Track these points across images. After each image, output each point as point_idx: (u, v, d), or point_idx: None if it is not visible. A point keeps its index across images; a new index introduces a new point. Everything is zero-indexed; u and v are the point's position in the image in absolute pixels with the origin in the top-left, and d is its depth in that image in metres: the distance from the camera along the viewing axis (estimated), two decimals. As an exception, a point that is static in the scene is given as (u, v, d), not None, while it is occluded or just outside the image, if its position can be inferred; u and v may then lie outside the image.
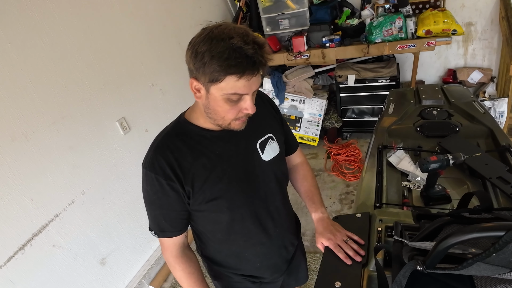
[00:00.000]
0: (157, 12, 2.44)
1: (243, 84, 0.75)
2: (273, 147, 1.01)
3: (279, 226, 1.08)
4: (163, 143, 0.89)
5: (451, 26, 2.52)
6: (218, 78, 0.74)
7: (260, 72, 0.76)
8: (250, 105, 0.80)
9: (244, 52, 0.71)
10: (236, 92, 0.76)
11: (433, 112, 1.62)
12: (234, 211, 0.96)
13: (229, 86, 0.75)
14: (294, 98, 3.43)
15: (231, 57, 0.70)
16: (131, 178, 2.18)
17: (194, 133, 0.90)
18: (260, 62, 0.74)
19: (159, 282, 2.38)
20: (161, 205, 0.90)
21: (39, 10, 1.63)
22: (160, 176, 0.85)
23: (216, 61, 0.71)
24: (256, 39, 0.74)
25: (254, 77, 0.75)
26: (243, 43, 0.71)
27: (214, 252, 1.08)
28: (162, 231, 0.94)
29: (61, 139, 1.74)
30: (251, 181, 0.96)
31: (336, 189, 2.91)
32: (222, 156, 0.91)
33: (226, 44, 0.71)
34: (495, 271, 0.57)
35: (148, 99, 2.34)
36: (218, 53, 0.71)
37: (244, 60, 0.71)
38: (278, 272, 1.16)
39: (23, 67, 1.56)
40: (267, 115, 1.04)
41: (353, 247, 0.93)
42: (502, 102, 2.78)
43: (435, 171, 1.04)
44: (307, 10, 3.04)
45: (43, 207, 1.66)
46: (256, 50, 0.72)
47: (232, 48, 0.70)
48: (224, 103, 0.79)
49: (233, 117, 0.83)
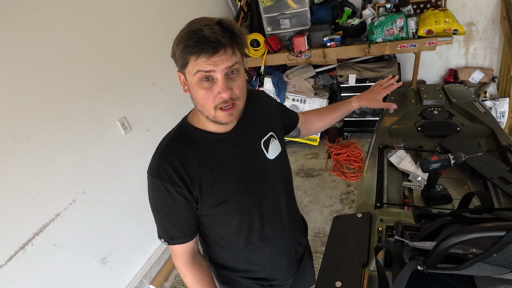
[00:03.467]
0: (158, 11, 2.44)
1: (204, 62, 0.75)
2: (276, 145, 1.01)
3: (287, 225, 1.07)
4: (168, 149, 0.87)
5: (452, 26, 2.51)
6: (184, 62, 0.77)
7: (225, 51, 0.75)
8: (222, 86, 0.78)
9: (202, 33, 0.73)
10: (200, 70, 0.76)
11: (434, 112, 1.62)
12: (243, 213, 0.95)
13: (192, 66, 0.77)
14: (295, 98, 3.43)
15: (189, 38, 0.74)
16: (132, 178, 2.18)
17: (198, 136, 0.89)
18: (218, 41, 0.73)
19: (160, 281, 2.38)
20: (169, 212, 0.89)
21: (40, 10, 1.63)
22: (167, 183, 0.84)
23: (180, 46, 0.76)
24: (221, 21, 0.76)
25: (217, 56, 0.74)
26: (203, 25, 0.74)
27: (222, 257, 1.07)
28: (172, 238, 0.92)
29: (62, 139, 1.74)
30: (259, 181, 0.95)
31: (337, 189, 2.91)
32: (228, 158, 0.90)
33: (187, 29, 0.75)
34: (496, 271, 0.57)
35: (149, 98, 2.34)
36: (181, 38, 0.76)
37: (201, 40, 0.73)
38: (289, 273, 1.15)
39: (24, 66, 1.56)
40: (266, 114, 1.04)
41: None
42: (503, 102, 2.78)
43: (436, 171, 1.04)
44: (308, 10, 3.03)
45: (44, 206, 1.66)
46: (216, 30, 0.74)
47: (192, 31, 0.74)
48: (198, 88, 0.79)
49: (212, 103, 0.80)
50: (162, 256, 2.49)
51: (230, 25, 0.77)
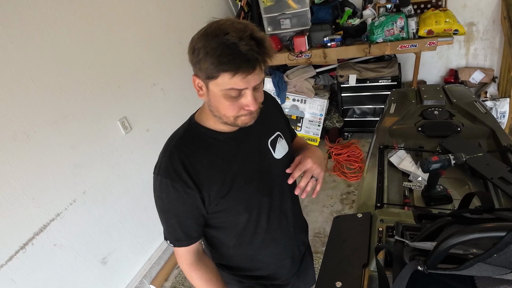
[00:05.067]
0: (158, 11, 2.44)
1: (239, 80, 0.72)
2: (283, 145, 1.01)
3: (292, 225, 1.07)
4: (177, 148, 0.85)
5: (452, 26, 2.51)
6: (213, 75, 0.72)
7: (259, 68, 0.73)
8: (251, 101, 0.76)
9: (238, 49, 0.68)
10: (233, 88, 0.73)
11: (435, 112, 1.61)
12: (251, 211, 0.95)
13: (225, 82, 0.72)
14: (296, 98, 3.43)
15: (224, 53, 0.68)
16: (132, 178, 2.18)
17: (207, 135, 0.88)
18: (255, 59, 0.70)
19: (160, 281, 2.39)
20: (177, 213, 0.87)
21: (41, 10, 1.63)
22: (176, 183, 0.82)
23: (210, 58, 0.69)
24: (254, 34, 0.71)
25: (251, 75, 0.72)
26: (237, 38, 0.68)
27: (227, 257, 1.06)
28: (178, 240, 0.91)
29: (62, 139, 1.74)
30: (266, 180, 0.95)
31: (337, 189, 2.90)
32: (236, 157, 0.90)
33: (219, 40, 0.68)
34: (496, 271, 0.57)
35: (149, 98, 2.34)
36: (212, 50, 0.69)
37: (238, 57, 0.68)
38: (291, 272, 1.15)
39: (24, 66, 1.57)
40: (272, 114, 1.04)
41: (311, 184, 0.92)
42: (503, 102, 2.78)
43: (437, 171, 1.04)
44: (309, 10, 3.03)
45: (44, 206, 1.66)
46: (252, 46, 0.69)
47: (226, 44, 0.68)
48: (223, 99, 0.76)
49: (234, 114, 0.79)
50: (162, 256, 2.49)
51: (263, 39, 0.72)
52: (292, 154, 1.07)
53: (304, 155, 0.96)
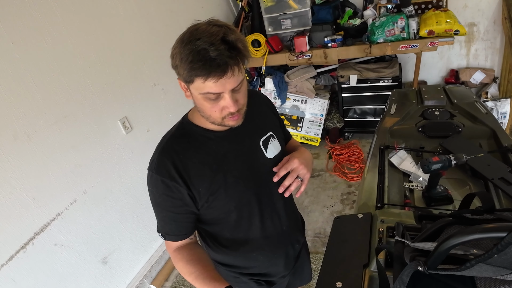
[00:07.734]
0: (159, 12, 2.44)
1: (213, 84, 0.73)
2: (275, 145, 1.02)
3: (285, 223, 1.08)
4: (169, 145, 0.89)
5: (453, 27, 2.51)
6: (188, 79, 0.75)
7: (231, 71, 0.73)
8: (230, 103, 0.78)
9: (208, 54, 0.69)
10: (209, 92, 0.75)
11: (435, 113, 1.61)
12: (241, 210, 0.96)
13: (200, 86, 0.75)
14: (296, 98, 3.43)
15: (195, 59, 0.70)
16: (132, 178, 2.18)
17: (199, 134, 0.90)
18: (225, 63, 0.71)
19: (160, 281, 2.39)
20: (166, 207, 0.90)
21: (42, 10, 1.63)
22: (166, 178, 0.85)
23: (183, 64, 0.72)
24: (226, 38, 0.71)
25: (223, 78, 0.73)
26: (208, 44, 0.69)
27: (221, 254, 1.07)
28: (167, 234, 0.93)
29: (63, 138, 1.75)
30: (257, 179, 0.97)
31: (338, 189, 2.90)
32: (227, 156, 0.91)
33: (191, 47, 0.70)
34: (496, 272, 0.57)
35: (150, 98, 2.34)
36: (185, 56, 0.71)
37: (208, 62, 0.70)
38: (286, 269, 1.16)
39: (25, 66, 1.57)
40: (265, 114, 1.06)
41: (295, 184, 0.96)
42: (504, 102, 2.78)
43: (437, 171, 1.04)
44: (309, 10, 3.03)
45: (45, 206, 1.66)
46: (222, 51, 0.70)
47: (196, 51, 0.70)
48: (204, 101, 0.79)
49: (218, 115, 0.82)
50: (162, 256, 2.49)
51: (235, 41, 0.73)
52: (285, 154, 1.07)
53: (292, 155, 0.98)
